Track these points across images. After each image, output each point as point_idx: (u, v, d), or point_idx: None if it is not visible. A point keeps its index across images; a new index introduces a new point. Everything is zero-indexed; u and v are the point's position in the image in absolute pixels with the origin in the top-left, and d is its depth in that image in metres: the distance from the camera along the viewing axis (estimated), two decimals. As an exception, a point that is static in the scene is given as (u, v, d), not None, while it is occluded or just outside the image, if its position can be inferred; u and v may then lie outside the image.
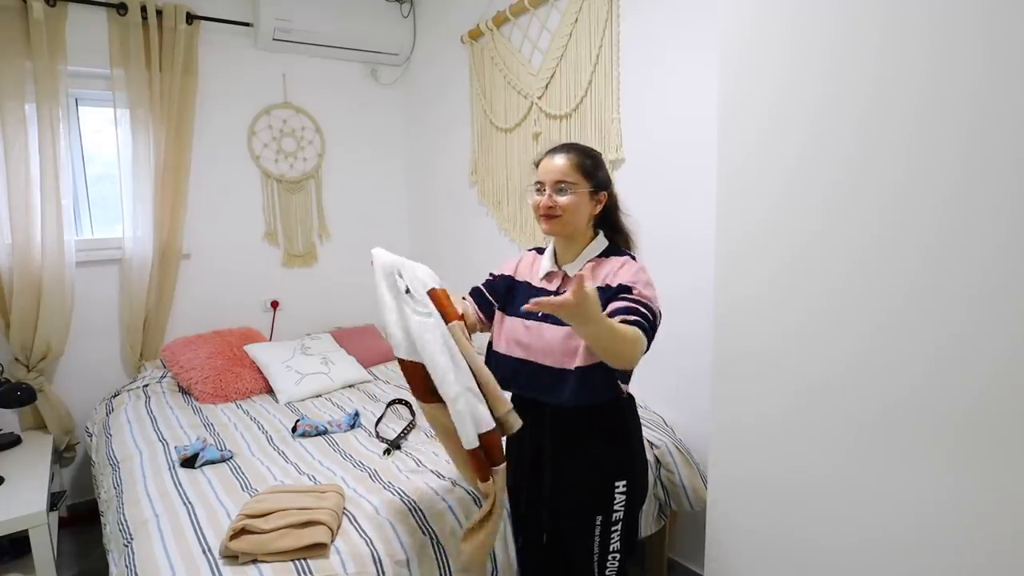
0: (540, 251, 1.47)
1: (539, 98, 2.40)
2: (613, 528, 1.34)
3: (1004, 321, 0.88)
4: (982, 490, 0.93)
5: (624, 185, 2.12)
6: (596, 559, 1.35)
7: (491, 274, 1.51)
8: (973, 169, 0.90)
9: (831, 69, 1.06)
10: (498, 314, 1.43)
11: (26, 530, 1.79)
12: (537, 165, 1.37)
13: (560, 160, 1.31)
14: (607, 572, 1.36)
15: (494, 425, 1.21)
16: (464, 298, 1.48)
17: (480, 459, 1.20)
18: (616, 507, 1.33)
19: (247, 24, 2.79)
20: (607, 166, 2.13)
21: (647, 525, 1.85)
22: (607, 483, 1.32)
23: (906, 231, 0.98)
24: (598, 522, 1.33)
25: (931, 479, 0.99)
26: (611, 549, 1.34)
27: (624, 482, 1.33)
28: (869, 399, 1.06)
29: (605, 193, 1.36)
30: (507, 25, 2.52)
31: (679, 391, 2.01)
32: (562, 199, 1.29)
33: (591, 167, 1.32)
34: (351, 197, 3.29)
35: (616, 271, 1.29)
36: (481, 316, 1.44)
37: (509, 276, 1.46)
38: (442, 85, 3.07)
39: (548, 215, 1.31)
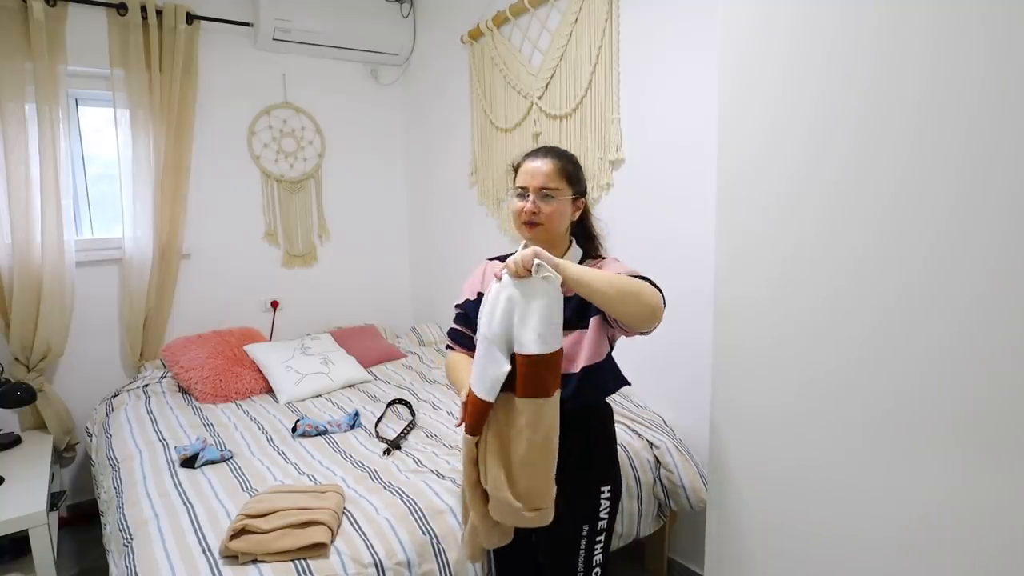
0: (501, 258, 1.40)
1: (539, 98, 2.40)
2: (597, 539, 1.33)
3: (1003, 322, 0.88)
4: (982, 488, 0.93)
5: (624, 185, 2.14)
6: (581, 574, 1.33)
7: (457, 306, 1.42)
8: (974, 170, 0.90)
9: (832, 69, 1.06)
10: None
11: (26, 530, 1.79)
12: (516, 168, 1.33)
13: (544, 165, 1.26)
14: None
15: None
16: (449, 347, 1.43)
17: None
18: (601, 514, 1.32)
19: (247, 24, 2.79)
20: (607, 167, 2.17)
21: (647, 525, 1.85)
22: (594, 488, 1.32)
23: (906, 231, 0.98)
24: (584, 532, 1.31)
25: (930, 479, 0.99)
26: (594, 563, 1.34)
27: (608, 487, 1.33)
28: (869, 398, 1.06)
29: (584, 199, 1.34)
30: (507, 25, 2.52)
31: (679, 391, 2.01)
32: (547, 207, 1.25)
33: (573, 172, 1.29)
34: (351, 197, 3.29)
35: (597, 265, 1.29)
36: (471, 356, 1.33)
37: (480, 293, 1.36)
38: (442, 85, 3.07)
39: (531, 222, 1.25)
